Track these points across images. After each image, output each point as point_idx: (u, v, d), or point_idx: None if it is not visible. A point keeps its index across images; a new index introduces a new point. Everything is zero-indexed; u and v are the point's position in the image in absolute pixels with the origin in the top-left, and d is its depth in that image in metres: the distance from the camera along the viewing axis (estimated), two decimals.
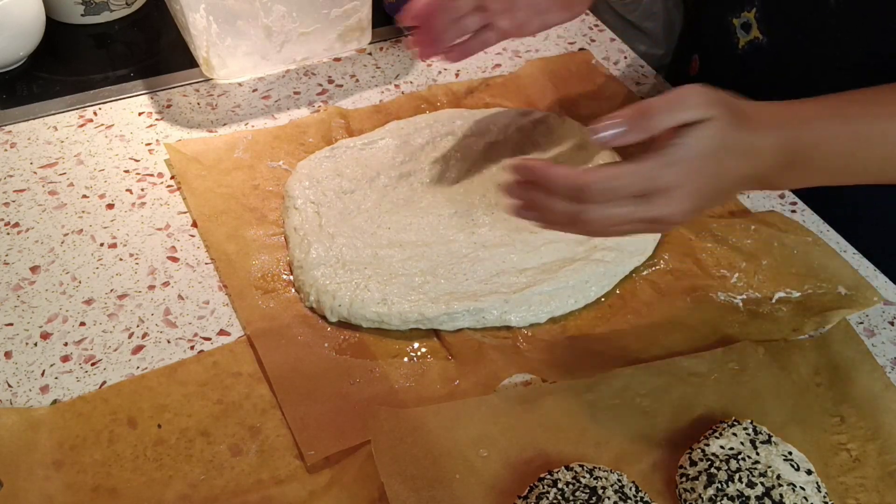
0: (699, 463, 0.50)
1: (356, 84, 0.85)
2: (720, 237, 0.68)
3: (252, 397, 0.56)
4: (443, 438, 0.53)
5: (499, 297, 0.61)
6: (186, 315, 0.62)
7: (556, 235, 0.66)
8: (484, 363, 0.59)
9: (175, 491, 0.51)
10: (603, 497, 0.47)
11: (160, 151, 0.76)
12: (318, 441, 0.53)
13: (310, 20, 0.83)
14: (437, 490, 0.50)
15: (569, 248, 0.65)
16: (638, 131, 0.49)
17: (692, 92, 0.50)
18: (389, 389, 0.57)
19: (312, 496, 0.51)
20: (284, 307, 0.62)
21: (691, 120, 0.49)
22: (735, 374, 0.58)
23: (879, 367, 0.59)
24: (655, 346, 0.60)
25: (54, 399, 0.56)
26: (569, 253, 0.65)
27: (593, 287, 0.63)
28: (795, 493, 0.48)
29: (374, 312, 0.60)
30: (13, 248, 0.66)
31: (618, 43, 0.93)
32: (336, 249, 0.64)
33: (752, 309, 0.63)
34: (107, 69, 0.87)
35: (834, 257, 0.67)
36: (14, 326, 0.61)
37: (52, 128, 0.78)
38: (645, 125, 0.49)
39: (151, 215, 0.70)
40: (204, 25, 0.78)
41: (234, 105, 0.82)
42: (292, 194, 0.69)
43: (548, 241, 0.65)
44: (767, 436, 0.51)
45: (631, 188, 0.50)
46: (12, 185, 0.72)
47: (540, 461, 0.52)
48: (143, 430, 0.54)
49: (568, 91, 0.84)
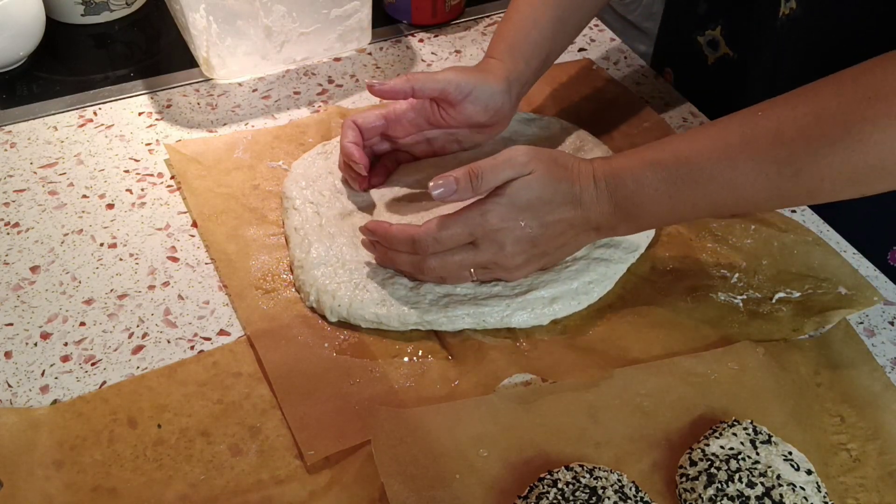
0: (699, 463, 0.50)
1: (356, 84, 0.85)
2: (720, 237, 0.68)
3: (252, 397, 0.56)
4: (443, 438, 0.53)
5: (500, 301, 0.61)
6: (186, 315, 0.62)
7: None
8: (484, 363, 0.59)
9: (175, 491, 0.51)
10: (603, 497, 0.47)
11: (160, 151, 0.76)
12: (318, 441, 0.53)
13: (310, 20, 0.83)
14: (437, 490, 0.50)
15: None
16: (466, 191, 0.57)
17: (518, 153, 0.57)
18: (389, 389, 0.57)
19: (312, 496, 0.51)
20: (284, 307, 0.62)
21: (514, 176, 0.57)
22: (735, 374, 0.58)
23: (879, 367, 0.59)
24: (655, 346, 0.60)
25: (54, 399, 0.56)
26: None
27: (596, 288, 0.63)
28: (795, 493, 0.48)
29: (373, 313, 0.60)
30: (13, 248, 0.66)
31: (618, 43, 0.93)
32: (336, 249, 0.64)
33: (752, 309, 0.63)
34: (107, 69, 0.87)
35: (834, 257, 0.67)
36: (14, 326, 0.61)
37: (52, 128, 0.78)
38: (474, 185, 0.57)
39: (151, 215, 0.70)
40: (204, 25, 0.78)
41: (234, 105, 0.82)
42: (290, 195, 0.69)
43: None
44: (767, 436, 0.51)
45: (457, 237, 0.58)
46: (12, 185, 0.72)
47: (540, 461, 0.52)
48: (143, 430, 0.54)
49: (568, 93, 0.84)
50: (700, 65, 0.84)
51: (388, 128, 0.68)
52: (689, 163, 0.54)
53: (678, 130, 0.80)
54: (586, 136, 0.76)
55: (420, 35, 0.93)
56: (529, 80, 0.69)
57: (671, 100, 0.85)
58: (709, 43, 0.81)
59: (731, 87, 0.80)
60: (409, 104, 0.67)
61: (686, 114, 0.83)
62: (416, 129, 0.69)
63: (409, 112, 0.67)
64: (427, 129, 0.69)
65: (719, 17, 0.80)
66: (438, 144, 0.70)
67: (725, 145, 0.53)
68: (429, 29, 0.94)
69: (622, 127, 0.80)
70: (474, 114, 0.66)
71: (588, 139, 0.76)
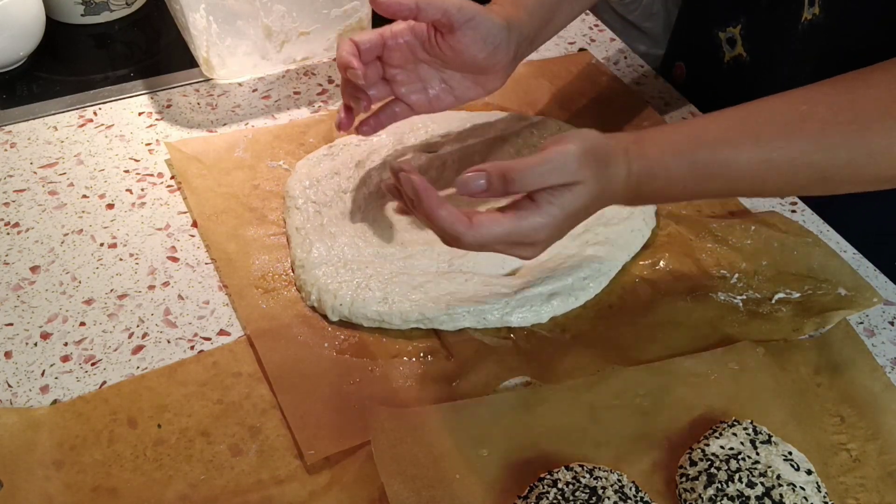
0: (699, 463, 0.50)
1: None
2: (720, 237, 0.68)
3: (252, 397, 0.56)
4: (443, 438, 0.53)
5: (500, 298, 0.61)
6: (186, 315, 0.62)
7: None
8: (484, 363, 0.59)
9: (175, 491, 0.51)
10: (603, 497, 0.47)
11: (160, 151, 0.76)
12: (318, 441, 0.53)
13: (310, 20, 0.83)
14: (437, 490, 0.50)
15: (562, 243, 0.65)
16: (498, 191, 0.52)
17: (567, 157, 0.52)
18: (389, 389, 0.57)
19: (312, 496, 0.51)
20: (284, 307, 0.62)
21: (561, 183, 0.52)
22: (735, 374, 0.58)
23: (879, 367, 0.59)
24: (655, 346, 0.60)
25: (54, 399, 0.56)
26: (563, 249, 0.65)
27: (591, 284, 0.64)
28: (795, 493, 0.48)
29: (375, 311, 0.60)
30: (13, 248, 0.66)
31: (618, 43, 0.93)
32: (338, 249, 0.64)
33: (752, 309, 0.63)
34: (107, 69, 0.87)
35: (834, 257, 0.67)
36: (14, 326, 0.61)
37: (52, 128, 0.78)
38: (508, 187, 0.51)
39: (151, 215, 0.70)
40: (204, 25, 0.78)
41: (234, 105, 0.82)
42: (293, 194, 0.69)
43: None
44: (767, 436, 0.51)
45: (499, 247, 0.54)
46: (12, 185, 0.72)
47: (540, 461, 0.52)
48: (143, 430, 0.54)
49: (568, 90, 0.84)
50: (715, 62, 0.83)
51: (384, 50, 0.65)
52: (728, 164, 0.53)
53: None
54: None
55: None
56: (530, 36, 0.66)
57: (671, 100, 0.85)
58: (728, 40, 0.80)
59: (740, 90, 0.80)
60: (408, 25, 0.64)
61: (686, 114, 0.83)
62: (411, 56, 0.65)
63: (406, 33, 0.64)
64: (423, 59, 0.65)
65: (741, 16, 0.79)
66: (433, 93, 0.67)
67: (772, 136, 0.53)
68: None
69: (622, 126, 0.80)
70: (472, 45, 0.63)
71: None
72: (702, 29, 0.84)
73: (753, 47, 0.78)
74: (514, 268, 0.65)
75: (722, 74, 0.83)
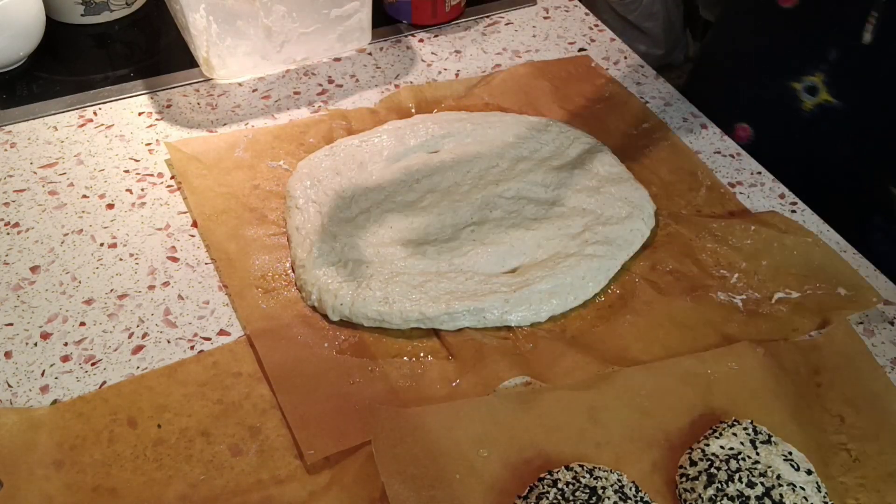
0: (699, 463, 0.50)
1: (356, 84, 0.85)
2: (720, 237, 0.68)
3: (252, 397, 0.56)
4: (443, 438, 0.53)
5: (499, 297, 0.61)
6: (186, 315, 0.62)
7: (551, 232, 0.66)
8: (484, 363, 0.59)
9: (175, 491, 0.51)
10: (603, 497, 0.47)
11: (160, 151, 0.76)
12: (318, 441, 0.53)
13: (310, 20, 0.83)
14: (437, 490, 0.50)
15: (562, 243, 0.66)
16: None
17: None
18: (389, 389, 0.57)
19: (312, 496, 0.51)
20: (284, 307, 0.62)
21: None
22: (735, 374, 0.58)
23: (879, 367, 0.59)
24: (655, 346, 0.60)
25: (54, 399, 0.56)
26: (562, 248, 0.65)
27: (590, 283, 0.64)
28: (795, 493, 0.48)
29: (376, 311, 0.60)
30: (13, 248, 0.66)
31: (618, 43, 0.93)
32: (338, 248, 0.64)
33: (752, 309, 0.63)
34: (107, 69, 0.87)
35: (834, 257, 0.67)
36: (14, 326, 0.61)
37: (52, 128, 0.78)
38: None
39: (151, 215, 0.70)
40: (204, 25, 0.78)
41: (234, 105, 0.82)
42: (294, 194, 0.69)
43: (544, 239, 0.66)
44: (767, 436, 0.51)
45: None
46: (12, 185, 0.72)
47: (540, 461, 0.52)
48: (143, 430, 0.54)
49: (568, 91, 0.84)
50: (792, 114, 0.78)
51: None
52: None
53: (678, 131, 0.80)
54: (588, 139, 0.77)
55: (420, 35, 0.93)
56: None
57: (671, 100, 0.85)
58: (807, 89, 0.75)
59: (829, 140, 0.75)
60: None
61: (686, 114, 0.83)
62: None
63: None
64: None
65: (819, 63, 0.74)
66: None
67: None
68: (429, 29, 0.94)
69: (622, 127, 0.80)
70: None
71: (587, 140, 0.76)
72: (771, 84, 0.79)
73: (843, 92, 0.73)
74: (513, 266, 0.65)
75: (801, 125, 0.78)
